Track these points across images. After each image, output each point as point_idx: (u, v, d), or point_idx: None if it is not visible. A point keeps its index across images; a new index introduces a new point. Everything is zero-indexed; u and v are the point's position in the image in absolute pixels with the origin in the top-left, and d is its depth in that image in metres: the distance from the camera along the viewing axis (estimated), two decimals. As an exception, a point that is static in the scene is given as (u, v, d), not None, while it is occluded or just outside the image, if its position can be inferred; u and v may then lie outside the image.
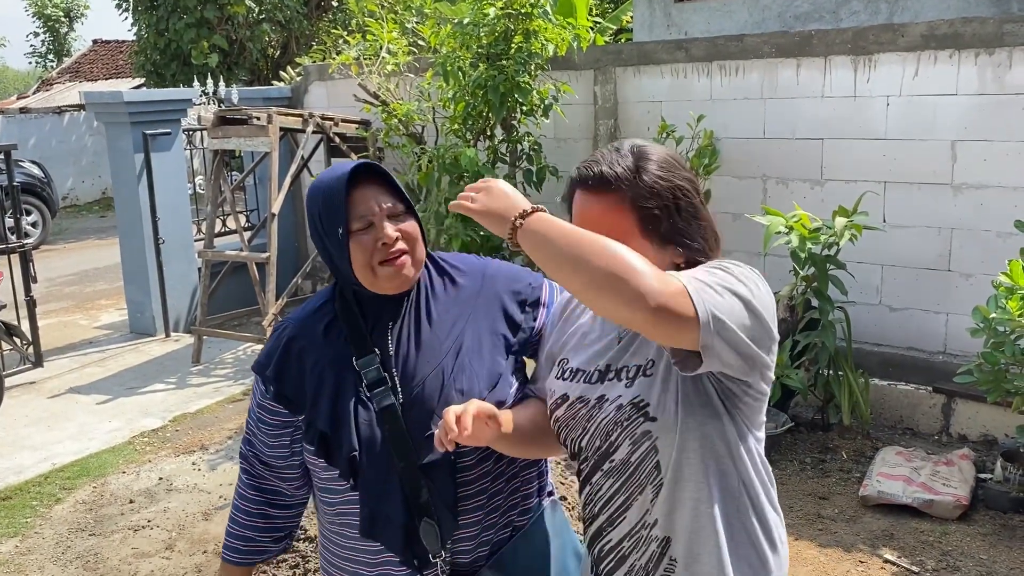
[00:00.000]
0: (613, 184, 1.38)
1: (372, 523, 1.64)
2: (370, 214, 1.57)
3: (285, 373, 1.67)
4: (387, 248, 1.56)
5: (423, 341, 1.64)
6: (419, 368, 1.62)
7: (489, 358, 1.64)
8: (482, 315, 1.68)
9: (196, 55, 13.12)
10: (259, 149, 5.92)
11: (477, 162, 4.85)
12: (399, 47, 5.99)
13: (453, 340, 1.64)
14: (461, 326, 1.65)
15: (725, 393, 1.36)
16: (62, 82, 22.27)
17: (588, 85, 5.66)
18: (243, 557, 1.79)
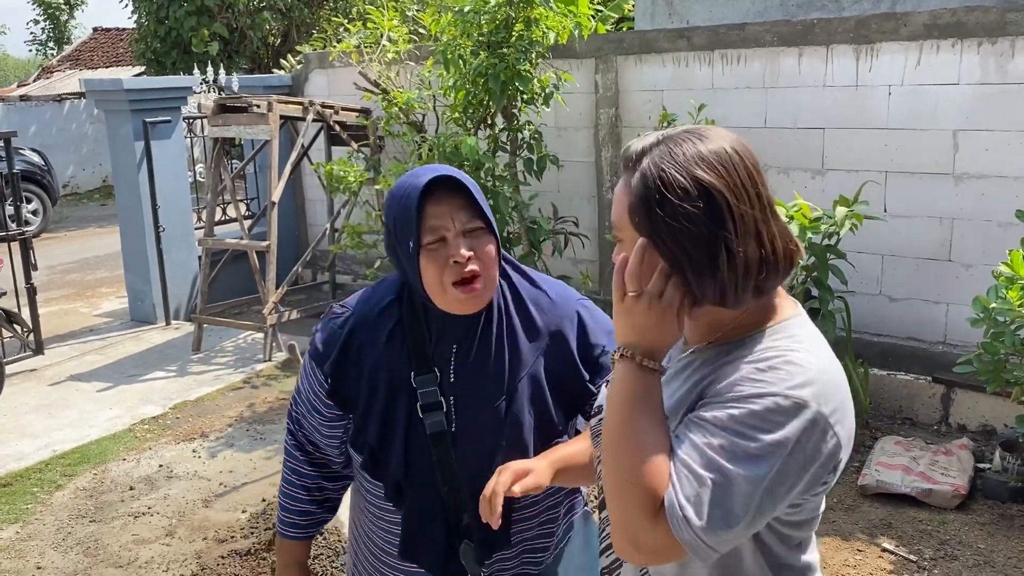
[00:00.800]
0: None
1: (411, 545, 1.62)
2: (444, 229, 1.47)
3: (343, 370, 1.60)
4: (460, 267, 1.47)
5: (486, 372, 1.56)
6: (476, 401, 1.56)
7: (543, 407, 1.57)
8: (554, 359, 1.58)
9: (196, 43, 13.09)
10: (259, 137, 5.91)
11: (478, 151, 4.84)
12: (400, 35, 5.96)
13: (516, 380, 1.56)
14: (528, 367, 1.57)
15: None
16: (62, 70, 22.22)
17: (589, 74, 5.64)
18: (305, 531, 1.78)
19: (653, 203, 1.11)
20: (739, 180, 1.12)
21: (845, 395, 1.15)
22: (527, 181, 5.27)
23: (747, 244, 1.11)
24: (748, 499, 1.06)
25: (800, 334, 1.17)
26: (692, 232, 1.10)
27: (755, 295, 1.15)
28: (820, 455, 1.09)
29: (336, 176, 5.93)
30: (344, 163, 5.96)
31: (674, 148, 1.14)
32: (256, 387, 5.32)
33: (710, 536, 1.06)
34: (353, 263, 7.21)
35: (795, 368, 1.10)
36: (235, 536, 3.53)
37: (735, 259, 1.10)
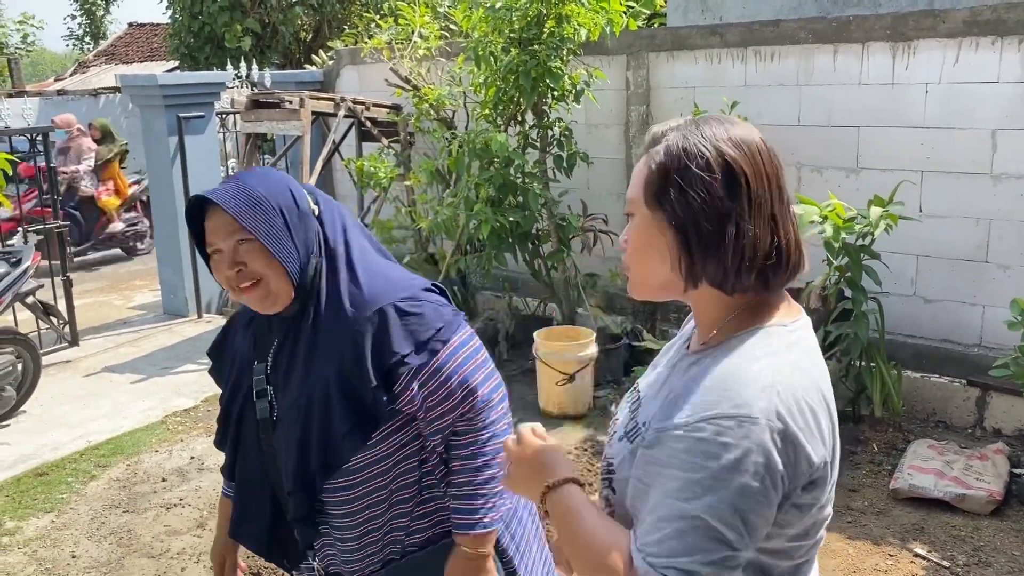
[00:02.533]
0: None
1: (239, 524, 1.75)
2: (212, 244, 1.57)
3: (222, 352, 1.81)
4: (228, 280, 1.57)
5: (293, 369, 1.63)
6: (287, 395, 1.64)
7: (327, 413, 1.58)
8: (349, 364, 1.58)
9: (229, 38, 13.22)
10: (291, 133, 5.95)
11: (507, 147, 4.84)
12: (431, 31, 5.98)
13: (311, 381, 1.60)
14: (322, 370, 1.59)
15: None
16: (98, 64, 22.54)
17: (620, 70, 5.61)
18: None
19: (673, 170, 1.12)
20: (761, 164, 1.13)
21: (808, 404, 1.10)
22: (557, 178, 5.26)
23: (759, 225, 1.11)
24: (718, 531, 1.03)
25: (774, 343, 1.13)
26: (706, 203, 1.09)
27: (756, 286, 1.13)
28: (780, 469, 1.05)
29: (366, 172, 5.97)
30: (375, 159, 5.99)
31: (703, 126, 1.15)
32: (286, 381, 5.38)
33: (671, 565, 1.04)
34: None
35: (745, 381, 1.08)
36: (265, 529, 3.57)
37: (744, 237, 1.10)
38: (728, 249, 1.10)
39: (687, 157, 1.11)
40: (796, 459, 1.07)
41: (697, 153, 1.11)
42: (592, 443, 4.34)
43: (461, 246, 5.59)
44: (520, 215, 4.96)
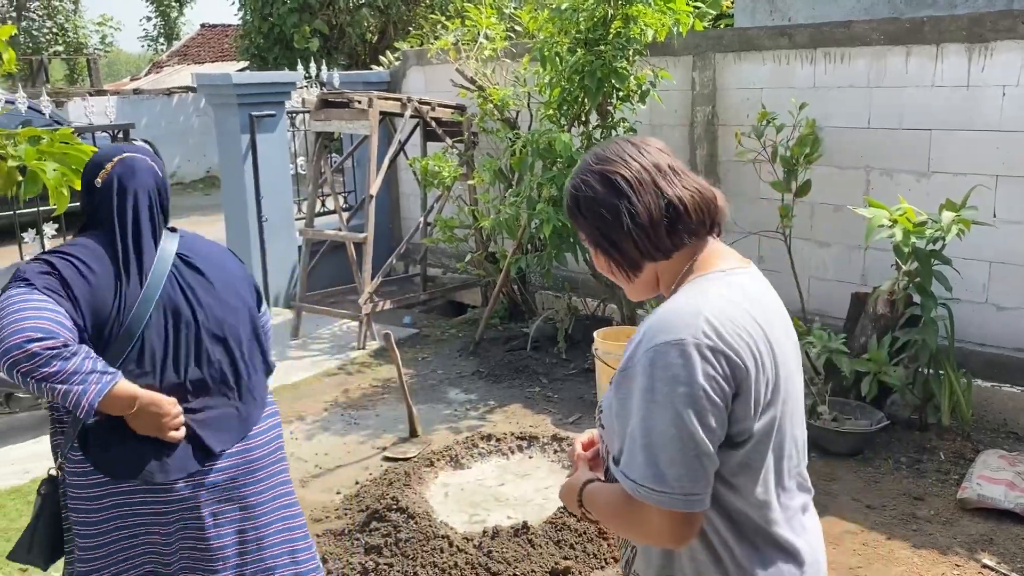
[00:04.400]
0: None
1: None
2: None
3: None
4: None
5: None
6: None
7: None
8: None
9: (298, 39, 13.51)
10: (359, 132, 6.08)
11: (571, 147, 4.88)
12: (497, 32, 6.04)
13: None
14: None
15: None
16: (171, 64, 23.24)
17: (686, 71, 5.60)
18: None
19: (571, 209, 1.46)
20: (630, 157, 1.41)
21: (739, 324, 1.30)
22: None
23: (646, 200, 1.38)
24: (655, 443, 1.26)
25: (708, 284, 1.37)
26: (601, 211, 1.40)
27: (676, 242, 1.39)
28: (715, 376, 1.26)
29: (431, 171, 6.06)
30: (439, 159, 6.09)
31: (581, 162, 1.47)
32: (351, 374, 5.50)
33: (660, 483, 1.26)
34: (444, 256, 7.35)
35: (676, 312, 1.31)
36: (329, 516, 3.66)
37: (638, 215, 1.37)
38: (631, 228, 1.38)
39: (575, 191, 1.44)
40: (731, 368, 1.28)
41: (575, 187, 1.44)
42: (651, 443, 4.34)
43: (522, 245, 5.64)
44: (583, 215, 4.99)
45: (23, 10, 25.02)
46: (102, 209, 2.09)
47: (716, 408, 1.26)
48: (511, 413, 4.78)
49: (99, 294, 2.00)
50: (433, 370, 5.53)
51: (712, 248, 1.43)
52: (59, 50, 25.61)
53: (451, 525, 3.40)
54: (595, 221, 1.41)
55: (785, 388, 1.37)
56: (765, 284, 1.46)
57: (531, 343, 5.70)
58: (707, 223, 1.41)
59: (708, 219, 1.41)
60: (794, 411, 1.41)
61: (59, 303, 1.94)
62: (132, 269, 2.05)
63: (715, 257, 1.42)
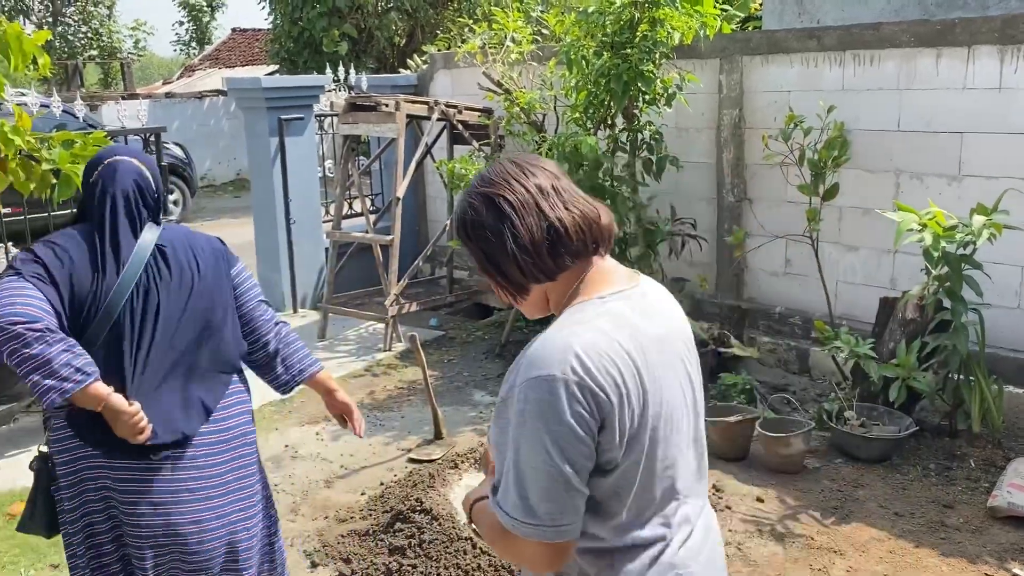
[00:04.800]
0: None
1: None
2: None
3: None
4: None
5: None
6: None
7: None
8: None
9: (327, 43, 13.62)
10: (386, 135, 6.12)
11: (597, 150, 4.88)
12: (523, 35, 6.06)
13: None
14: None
15: None
16: (203, 68, 23.53)
17: (713, 74, 5.57)
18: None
19: (459, 229, 1.47)
20: (513, 179, 1.42)
21: (607, 358, 1.33)
22: (645, 182, 5.27)
23: (528, 222, 1.39)
24: (526, 477, 1.31)
25: (583, 314, 1.39)
26: (485, 234, 1.41)
27: (559, 264, 1.41)
28: (581, 412, 1.30)
29: (457, 174, 6.08)
30: (466, 161, 6.11)
31: (469, 185, 1.48)
32: (376, 375, 5.53)
33: (531, 516, 1.31)
34: (470, 259, 7.36)
35: (548, 347, 1.34)
36: (354, 516, 3.69)
37: (520, 238, 1.39)
38: (514, 251, 1.39)
39: (462, 214, 1.46)
40: (596, 403, 1.31)
41: (462, 210, 1.46)
42: (676, 447, 4.33)
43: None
44: (608, 218, 4.98)
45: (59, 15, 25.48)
46: (88, 204, 2.32)
47: (582, 443, 1.31)
48: (535, 416, 4.78)
49: (78, 278, 2.19)
50: (459, 372, 5.56)
51: (599, 268, 1.45)
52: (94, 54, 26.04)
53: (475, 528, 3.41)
54: (480, 244, 1.43)
55: (656, 413, 1.39)
56: (652, 300, 1.47)
57: (556, 346, 5.70)
58: (589, 244, 1.43)
59: (591, 240, 1.43)
60: (671, 432, 1.43)
61: (43, 290, 2.13)
62: (109, 259, 2.23)
63: (600, 279, 1.44)
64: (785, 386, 5.05)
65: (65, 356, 2.05)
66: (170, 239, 2.35)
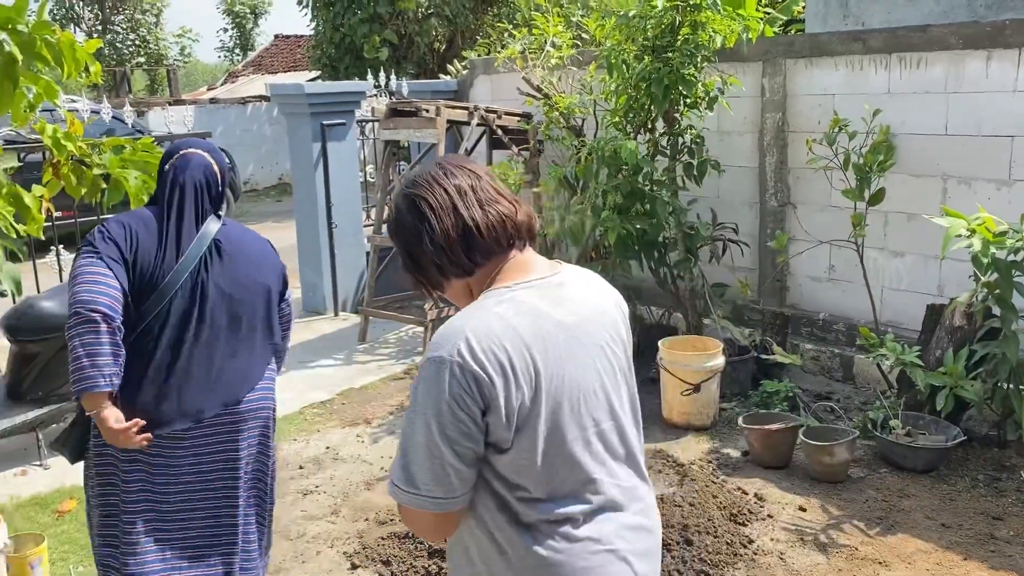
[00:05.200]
0: None
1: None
2: None
3: None
4: None
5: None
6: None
7: None
8: None
9: (368, 49, 13.74)
10: (426, 140, 6.16)
11: (637, 154, 4.86)
12: (563, 40, 6.06)
13: None
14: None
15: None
16: (246, 74, 23.88)
17: (756, 77, 5.52)
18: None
19: (389, 229, 1.60)
20: (434, 180, 1.52)
21: (498, 344, 1.39)
22: (686, 186, 5.23)
23: (445, 222, 1.49)
24: (410, 450, 1.40)
25: (487, 301, 1.47)
26: (406, 232, 1.53)
27: (474, 259, 1.50)
28: (443, 393, 1.37)
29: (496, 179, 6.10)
30: (504, 166, 6.13)
31: (399, 186, 1.61)
32: (415, 379, 5.56)
33: (412, 487, 1.40)
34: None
35: (445, 332, 1.43)
36: (394, 519, 3.71)
37: (436, 237, 1.49)
38: (430, 249, 1.50)
39: (389, 219, 1.59)
40: (478, 386, 1.37)
41: (394, 209, 1.57)
42: (717, 455, 4.29)
43: (587, 253, 5.64)
44: (647, 223, 4.96)
45: (108, 23, 26.07)
46: (159, 190, 2.57)
47: (462, 422, 1.37)
48: (574, 421, 4.77)
49: (143, 258, 2.43)
50: (497, 376, 5.56)
51: (516, 260, 1.53)
52: (141, 61, 26.59)
53: (513, 531, 3.41)
54: (402, 242, 1.55)
55: (556, 396, 1.43)
56: (568, 289, 1.53)
57: (595, 351, 5.67)
58: (504, 240, 1.51)
59: (505, 236, 1.51)
60: (582, 415, 1.48)
61: (116, 273, 2.37)
62: (171, 244, 2.47)
63: (515, 270, 1.52)
64: (828, 394, 4.98)
65: (105, 359, 2.30)
66: (227, 233, 2.56)
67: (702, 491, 3.69)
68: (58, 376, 4.23)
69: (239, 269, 2.54)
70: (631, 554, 1.51)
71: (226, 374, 2.51)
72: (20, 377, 4.22)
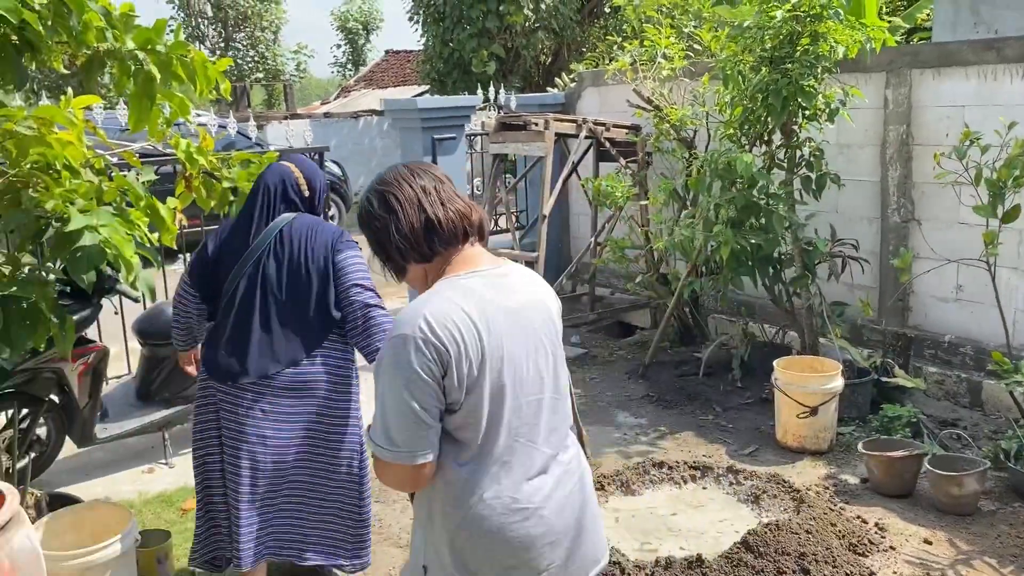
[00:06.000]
0: None
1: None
2: None
3: None
4: None
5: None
6: None
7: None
8: None
9: (476, 63, 13.95)
10: (534, 154, 6.19)
11: (752, 167, 4.73)
12: (675, 52, 5.98)
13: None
14: None
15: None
16: (358, 89, 24.63)
17: (878, 88, 5.30)
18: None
19: (359, 220, 1.84)
20: (403, 179, 1.81)
21: (451, 321, 1.65)
22: (803, 200, 5.07)
23: (410, 215, 1.77)
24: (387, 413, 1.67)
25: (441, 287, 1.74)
26: (376, 224, 1.80)
27: (434, 249, 1.78)
28: (411, 361, 1.63)
29: (603, 192, 6.07)
30: (612, 179, 6.08)
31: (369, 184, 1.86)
32: (520, 391, 5.56)
33: (391, 445, 1.66)
34: (612, 276, 7.32)
35: (407, 312, 1.70)
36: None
37: (403, 228, 1.77)
38: (395, 236, 1.77)
39: (362, 209, 1.84)
40: (438, 355, 1.64)
41: (362, 204, 1.84)
42: (834, 481, 4.11)
43: (697, 267, 5.53)
44: (762, 238, 4.82)
45: (230, 41, 27.38)
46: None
47: (428, 386, 1.64)
48: (683, 441, 4.67)
49: (224, 247, 3.00)
50: (601, 392, 5.51)
51: (467, 253, 1.80)
52: (259, 77, 27.79)
53: (622, 551, 3.36)
54: (371, 231, 1.82)
55: (496, 367, 1.70)
56: (511, 280, 1.80)
57: (704, 369, 5.56)
58: (460, 234, 1.79)
59: (461, 231, 1.79)
60: (518, 387, 1.73)
61: (205, 257, 3.04)
62: (241, 235, 2.97)
63: (465, 262, 1.79)
64: (954, 420, 4.71)
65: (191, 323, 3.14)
66: (294, 225, 2.95)
67: (820, 518, 3.54)
68: (184, 379, 4.43)
69: (295, 254, 2.90)
70: (549, 512, 1.76)
71: (273, 345, 2.86)
72: (149, 379, 4.45)
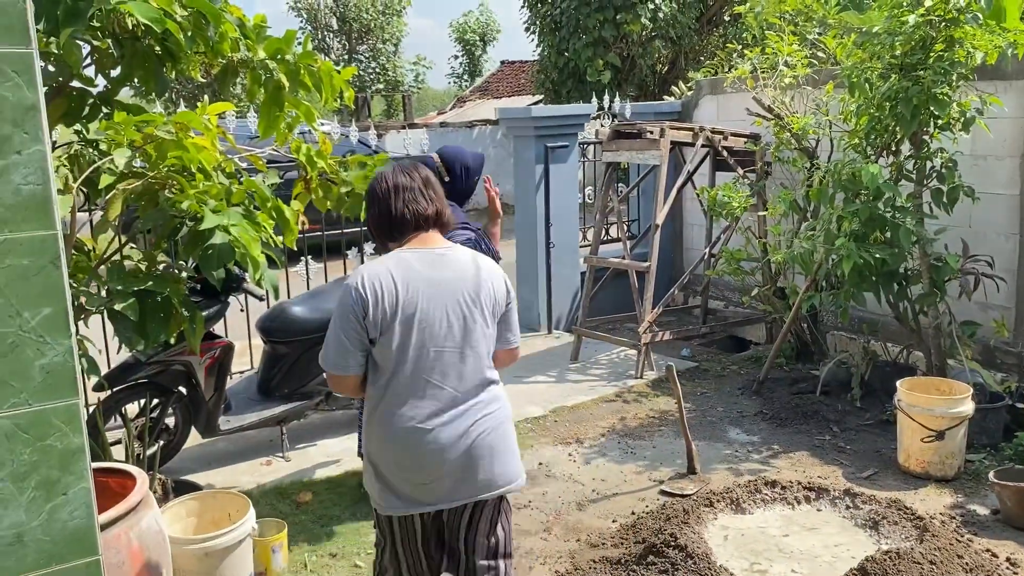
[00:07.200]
0: None
1: None
2: None
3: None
4: None
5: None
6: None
7: None
8: None
9: (591, 73, 13.92)
10: (649, 162, 6.12)
11: (879, 179, 4.53)
12: (798, 59, 5.80)
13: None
14: None
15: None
16: (473, 99, 25.02)
17: (1019, 96, 4.99)
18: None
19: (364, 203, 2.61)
20: (385, 176, 2.46)
21: (377, 279, 2.32)
22: (933, 214, 4.81)
23: (382, 207, 2.44)
24: (335, 339, 2.36)
25: (385, 257, 2.42)
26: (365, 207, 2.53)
27: (395, 236, 2.44)
28: (346, 303, 2.32)
29: (720, 202, 5.93)
30: (729, 189, 5.95)
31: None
32: (628, 402, 5.51)
33: (327, 360, 2.38)
34: (726, 289, 7.15)
35: (358, 269, 2.40)
36: (606, 543, 3.67)
37: (372, 214, 2.47)
38: (372, 224, 2.49)
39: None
40: (362, 301, 2.31)
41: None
42: (961, 511, 3.88)
43: (816, 281, 5.33)
44: (888, 252, 4.60)
45: (353, 53, 28.35)
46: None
47: (356, 322, 2.31)
48: (797, 460, 4.51)
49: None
50: (712, 407, 5.38)
51: (421, 237, 2.42)
52: (380, 87, 28.65)
53: (731, 571, 3.26)
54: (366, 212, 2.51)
55: (407, 319, 2.31)
56: (447, 259, 2.40)
57: (821, 387, 5.35)
58: (411, 226, 2.41)
59: (412, 223, 2.41)
60: (427, 338, 2.33)
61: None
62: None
63: (416, 242, 2.41)
64: (1100, 453, 4.36)
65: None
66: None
67: (945, 549, 3.34)
68: (304, 375, 4.59)
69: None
70: (445, 436, 2.32)
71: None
72: (270, 375, 4.63)
